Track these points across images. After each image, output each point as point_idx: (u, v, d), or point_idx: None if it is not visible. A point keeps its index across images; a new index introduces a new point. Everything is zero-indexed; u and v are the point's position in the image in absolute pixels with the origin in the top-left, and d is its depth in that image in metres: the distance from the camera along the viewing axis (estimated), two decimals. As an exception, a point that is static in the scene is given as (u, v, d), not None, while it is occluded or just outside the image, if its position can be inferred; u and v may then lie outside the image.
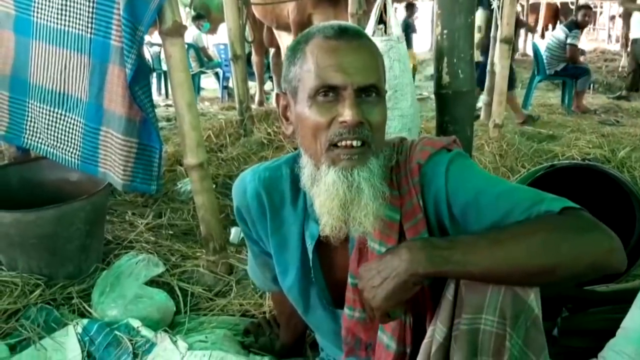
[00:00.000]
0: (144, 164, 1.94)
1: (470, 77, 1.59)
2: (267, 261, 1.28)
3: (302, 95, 0.96)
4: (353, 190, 0.94)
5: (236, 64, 3.61)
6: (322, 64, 0.93)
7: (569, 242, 0.84)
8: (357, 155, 0.94)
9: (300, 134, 1.00)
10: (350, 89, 0.92)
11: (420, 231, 1.01)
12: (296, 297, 1.20)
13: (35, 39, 1.96)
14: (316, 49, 0.95)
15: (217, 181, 3.06)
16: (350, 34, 0.96)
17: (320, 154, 0.96)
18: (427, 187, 1.01)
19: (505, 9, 3.18)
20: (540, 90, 7.05)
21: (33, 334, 1.67)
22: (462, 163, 1.01)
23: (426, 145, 1.04)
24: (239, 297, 1.95)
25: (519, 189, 0.97)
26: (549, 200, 0.91)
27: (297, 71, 0.97)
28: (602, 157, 3.07)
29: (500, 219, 0.92)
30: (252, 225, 1.21)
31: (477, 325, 0.87)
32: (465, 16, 1.53)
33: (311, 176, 1.00)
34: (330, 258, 1.13)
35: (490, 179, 1.00)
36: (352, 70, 0.92)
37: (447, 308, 0.91)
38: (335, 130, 0.93)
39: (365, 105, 0.94)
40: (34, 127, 2.11)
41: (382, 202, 0.97)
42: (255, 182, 1.15)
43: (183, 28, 1.83)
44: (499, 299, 0.86)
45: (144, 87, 1.87)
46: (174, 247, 2.32)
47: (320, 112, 0.94)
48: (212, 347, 1.54)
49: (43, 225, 1.90)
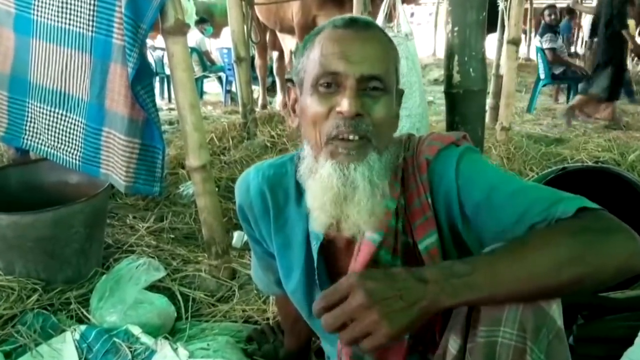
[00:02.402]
0: (146, 165, 1.90)
1: (482, 76, 1.55)
2: (270, 263, 1.23)
3: (306, 85, 0.93)
4: (348, 185, 0.89)
5: (240, 66, 3.57)
6: (326, 52, 0.90)
7: (595, 249, 0.78)
8: (354, 150, 0.89)
9: (303, 124, 0.96)
10: (352, 78, 0.88)
11: (428, 230, 0.96)
12: (300, 300, 1.15)
13: (36, 37, 1.93)
14: (323, 38, 0.92)
15: (220, 184, 3.02)
16: (360, 24, 0.93)
17: (319, 146, 0.92)
18: (437, 185, 0.96)
19: (512, 10, 3.14)
20: (544, 94, 7.01)
21: (29, 341, 1.62)
22: (473, 158, 0.96)
23: (435, 140, 0.99)
24: (242, 302, 1.90)
25: (534, 187, 0.92)
26: (567, 200, 0.85)
27: (304, 61, 0.94)
28: (611, 161, 3.02)
29: (515, 220, 0.86)
30: (255, 224, 1.16)
31: (495, 338, 0.81)
32: (477, 12, 1.49)
33: (309, 168, 0.96)
34: (335, 259, 1.08)
35: (503, 175, 0.95)
36: (355, 58, 0.88)
37: (461, 319, 0.85)
38: (333, 122, 0.89)
39: (368, 98, 0.90)
40: (33, 128, 2.07)
41: (380, 200, 0.91)
42: (258, 180, 1.11)
43: (186, 26, 1.79)
44: (519, 311, 0.80)
45: (147, 87, 1.83)
46: (176, 251, 2.28)
47: (320, 101, 0.90)
48: (214, 354, 1.49)
49: (41, 227, 1.86)
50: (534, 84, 6.02)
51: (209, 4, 9.21)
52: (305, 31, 4.23)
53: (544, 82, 5.87)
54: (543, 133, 4.38)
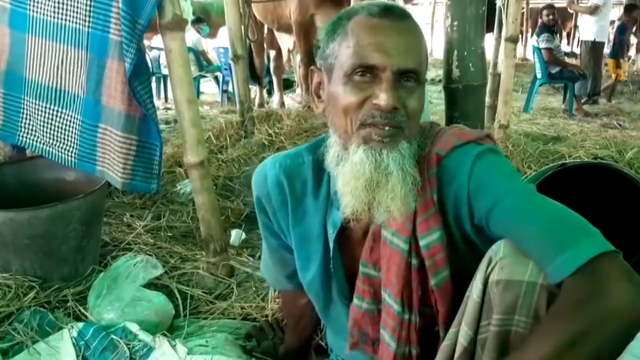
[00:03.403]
0: (144, 162, 1.89)
1: (481, 71, 1.54)
2: (283, 257, 1.22)
3: (338, 73, 0.91)
4: (381, 171, 0.88)
5: (237, 64, 3.56)
6: (363, 42, 0.88)
7: (595, 325, 0.72)
8: (388, 138, 0.88)
9: (332, 112, 0.94)
10: (389, 71, 0.87)
11: (432, 227, 0.94)
12: (317, 291, 1.14)
13: (31, 33, 1.91)
14: (357, 26, 0.90)
15: (218, 182, 3.01)
16: (397, 13, 0.91)
17: (350, 133, 0.91)
18: (447, 183, 0.94)
19: (510, 7, 3.13)
20: (541, 94, 7.02)
21: (26, 338, 1.61)
22: (491, 161, 0.92)
23: (452, 135, 0.96)
24: (241, 300, 1.88)
25: (543, 209, 0.86)
26: (572, 248, 0.78)
27: (336, 48, 0.92)
28: (609, 158, 3.02)
29: (517, 239, 0.84)
30: (273, 215, 1.14)
31: (508, 327, 0.81)
32: (477, 7, 1.49)
33: (337, 155, 0.94)
34: (350, 249, 1.07)
35: (519, 185, 0.90)
36: (393, 51, 0.87)
37: (473, 310, 0.84)
38: (367, 111, 0.88)
39: (403, 90, 0.89)
40: (29, 125, 2.06)
41: (412, 187, 0.90)
42: (276, 170, 1.10)
43: (183, 22, 1.78)
44: (533, 299, 0.79)
45: (144, 83, 1.82)
46: (173, 249, 2.26)
47: (355, 91, 0.89)
48: (212, 351, 1.47)
49: (37, 225, 1.84)
50: (531, 84, 6.02)
51: (205, 3, 9.20)
52: (303, 29, 4.23)
53: (541, 81, 5.88)
54: (540, 131, 4.39)
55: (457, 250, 0.97)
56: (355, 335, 1.09)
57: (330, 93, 0.94)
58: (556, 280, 0.79)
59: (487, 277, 0.84)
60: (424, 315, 0.99)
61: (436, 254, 0.95)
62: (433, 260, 0.95)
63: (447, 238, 0.96)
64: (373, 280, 1.04)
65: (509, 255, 0.83)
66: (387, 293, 1.00)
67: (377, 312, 1.04)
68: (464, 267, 0.94)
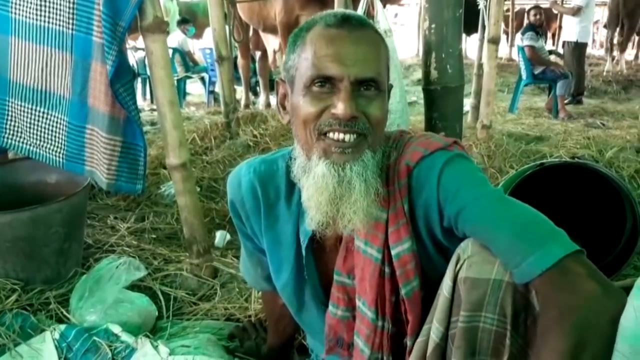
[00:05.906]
0: (128, 163, 1.89)
1: (459, 73, 1.56)
2: (260, 259, 1.24)
3: (298, 84, 0.93)
4: (344, 185, 0.90)
5: (222, 65, 3.56)
6: (320, 53, 0.89)
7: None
8: (350, 149, 0.90)
9: (295, 123, 0.96)
10: (347, 80, 0.88)
11: (402, 237, 0.96)
12: (290, 295, 1.16)
13: (15, 36, 1.90)
14: (315, 37, 0.91)
15: (202, 184, 3.01)
16: (353, 23, 0.92)
17: (311, 144, 0.92)
18: (418, 192, 0.95)
19: (492, 8, 3.18)
20: (527, 94, 7.09)
21: (8, 341, 1.60)
22: (460, 166, 0.94)
23: (419, 145, 0.97)
24: (224, 301, 1.89)
25: (510, 212, 0.88)
26: (538, 251, 0.80)
27: (296, 59, 0.94)
28: (590, 157, 3.06)
29: (485, 239, 0.87)
30: (246, 219, 1.16)
31: (476, 323, 0.83)
32: (454, 9, 1.51)
33: (302, 166, 0.96)
34: (324, 256, 1.09)
35: (486, 189, 0.91)
36: (349, 61, 0.88)
37: (444, 306, 0.87)
38: (325, 120, 0.89)
39: (363, 99, 0.90)
40: (14, 127, 2.04)
41: (375, 198, 0.92)
42: (250, 175, 1.11)
43: (164, 24, 1.79)
44: (499, 296, 0.82)
45: (126, 85, 1.82)
46: (157, 251, 2.26)
47: (314, 102, 0.90)
48: (195, 351, 1.48)
49: (18, 227, 1.83)
50: (516, 84, 6.08)
51: (191, 3, 9.17)
52: (289, 30, 4.23)
53: (526, 81, 5.94)
54: (524, 131, 4.43)
55: (430, 259, 0.99)
56: (332, 339, 1.11)
57: (293, 104, 0.95)
58: (523, 281, 0.81)
59: (456, 274, 0.87)
60: (396, 323, 1.01)
61: (407, 263, 0.96)
62: (403, 269, 0.96)
63: (419, 246, 0.97)
64: (347, 288, 1.06)
65: (476, 253, 0.86)
66: (361, 301, 1.02)
67: (352, 318, 1.06)
68: (436, 274, 0.95)
